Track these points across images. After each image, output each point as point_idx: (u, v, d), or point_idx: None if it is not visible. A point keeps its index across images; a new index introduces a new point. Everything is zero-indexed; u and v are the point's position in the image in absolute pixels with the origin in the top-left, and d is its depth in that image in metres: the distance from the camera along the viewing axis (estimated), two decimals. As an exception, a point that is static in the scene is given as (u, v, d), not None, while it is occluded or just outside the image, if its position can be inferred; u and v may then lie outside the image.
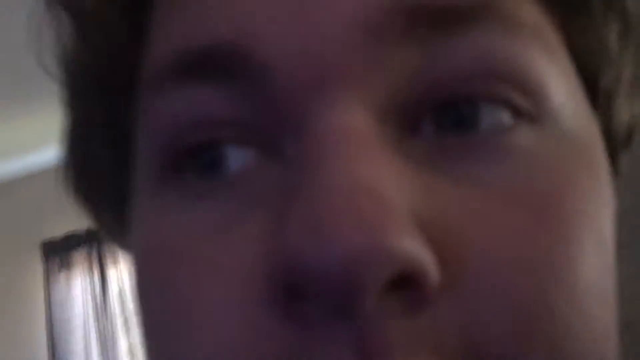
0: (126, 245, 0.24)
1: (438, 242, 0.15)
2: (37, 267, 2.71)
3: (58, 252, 2.69)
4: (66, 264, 2.69)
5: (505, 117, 0.17)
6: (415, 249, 0.14)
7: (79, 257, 2.71)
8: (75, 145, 0.24)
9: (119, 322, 2.66)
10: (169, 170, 0.18)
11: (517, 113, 0.17)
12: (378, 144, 0.15)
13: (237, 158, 0.17)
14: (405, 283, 0.14)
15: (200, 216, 0.17)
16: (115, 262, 2.69)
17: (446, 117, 0.17)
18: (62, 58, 0.22)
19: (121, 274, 2.68)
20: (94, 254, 2.70)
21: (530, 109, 0.17)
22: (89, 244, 2.69)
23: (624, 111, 0.22)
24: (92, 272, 2.70)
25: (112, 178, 0.23)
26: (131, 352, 2.62)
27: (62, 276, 2.69)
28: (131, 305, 2.64)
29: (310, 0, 0.16)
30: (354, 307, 0.14)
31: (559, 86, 0.18)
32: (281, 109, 0.16)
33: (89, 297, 2.68)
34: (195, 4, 0.18)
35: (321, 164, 0.15)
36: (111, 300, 2.67)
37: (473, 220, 0.15)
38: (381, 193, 0.14)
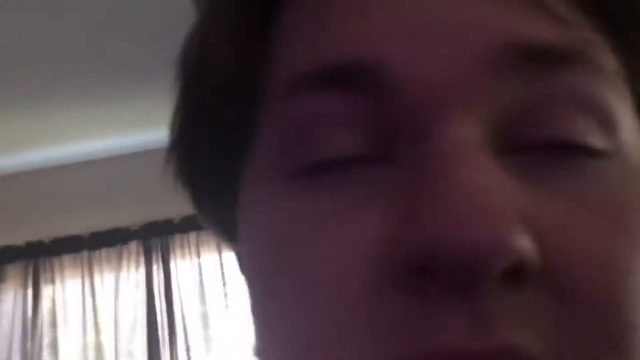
0: (222, 229, 0.29)
1: (541, 237, 0.18)
2: (-35, 278, 2.56)
3: (-10, 265, 2.56)
4: (-2, 278, 2.56)
5: (588, 145, 0.20)
6: (528, 245, 0.17)
7: (13, 272, 2.58)
8: (187, 137, 0.27)
9: (45, 344, 2.52)
10: (294, 166, 0.21)
11: (597, 142, 0.20)
12: (490, 157, 0.18)
13: (355, 156, 0.20)
14: (514, 269, 0.17)
15: (321, 201, 0.20)
16: (52, 280, 2.57)
17: (540, 140, 0.20)
18: (186, 56, 0.26)
19: (56, 293, 2.57)
20: (30, 270, 2.58)
21: (607, 139, 0.20)
22: (25, 258, 2.58)
23: None
24: (26, 289, 2.57)
25: (218, 168, 0.26)
26: (55, 377, 2.49)
27: (-9, 290, 2.55)
28: (62, 326, 2.53)
29: (441, 33, 0.19)
30: (473, 285, 0.17)
31: (628, 123, 0.21)
32: (406, 119, 0.19)
33: (18, 315, 2.55)
34: (337, 21, 0.21)
35: (449, 169, 0.18)
36: (41, 320, 2.54)
37: (566, 222, 0.18)
38: (500, 195, 0.17)
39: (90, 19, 1.77)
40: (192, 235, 2.56)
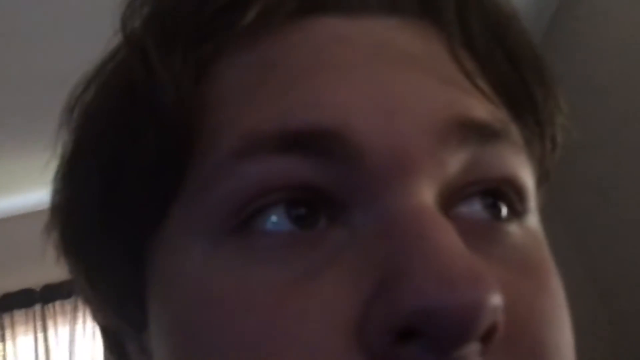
0: (115, 308, 0.26)
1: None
2: None
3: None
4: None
5: (504, 209, 0.23)
6: (502, 306, 0.18)
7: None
8: (84, 195, 0.25)
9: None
10: (245, 228, 0.21)
11: (512, 208, 0.23)
12: (447, 220, 0.19)
13: (308, 219, 0.21)
14: (490, 329, 0.18)
15: (276, 269, 0.20)
16: (2, 337, 2.47)
17: (476, 204, 0.22)
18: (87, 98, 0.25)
19: (7, 350, 2.47)
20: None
21: (521, 206, 0.23)
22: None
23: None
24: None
25: (125, 226, 0.24)
26: None
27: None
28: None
29: (396, 104, 0.21)
30: (460, 347, 0.17)
31: (532, 189, 0.24)
32: (367, 184, 0.20)
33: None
34: (303, 85, 0.21)
35: (428, 231, 0.19)
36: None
37: (505, 285, 0.19)
38: (474, 257, 0.18)
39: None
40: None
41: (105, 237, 0.24)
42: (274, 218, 0.20)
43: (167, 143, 0.22)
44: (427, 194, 0.20)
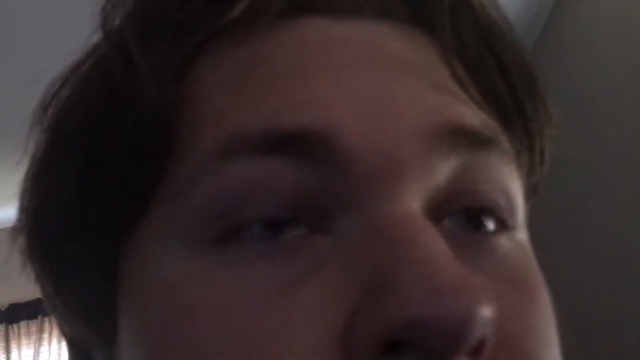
0: (85, 318, 0.25)
1: None
2: None
3: None
4: None
5: (492, 223, 0.22)
6: (493, 318, 0.17)
7: None
8: (56, 200, 0.24)
9: None
10: (226, 232, 0.20)
11: (502, 221, 0.22)
12: (435, 229, 0.19)
13: (292, 225, 0.20)
14: (479, 342, 0.17)
15: (258, 276, 0.19)
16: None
17: (463, 215, 0.22)
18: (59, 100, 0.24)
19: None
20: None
21: (511, 217, 0.23)
22: None
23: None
24: None
25: (99, 232, 0.23)
26: None
27: None
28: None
29: (386, 107, 0.20)
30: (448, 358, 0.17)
31: (522, 202, 0.24)
32: (353, 189, 0.20)
33: None
34: (286, 85, 0.21)
35: (416, 238, 0.18)
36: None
37: (496, 301, 0.18)
38: (463, 266, 0.17)
39: None
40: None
41: (76, 240, 0.23)
42: (256, 223, 0.20)
43: (145, 140, 0.21)
44: (415, 201, 0.19)
